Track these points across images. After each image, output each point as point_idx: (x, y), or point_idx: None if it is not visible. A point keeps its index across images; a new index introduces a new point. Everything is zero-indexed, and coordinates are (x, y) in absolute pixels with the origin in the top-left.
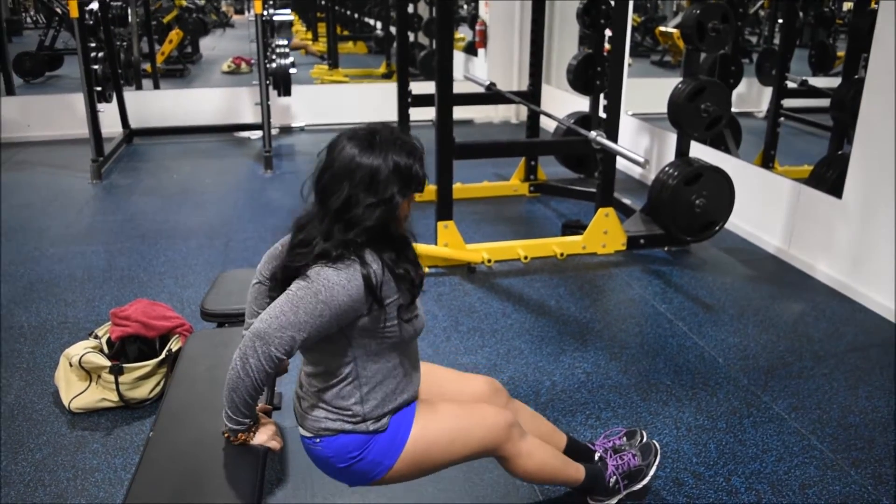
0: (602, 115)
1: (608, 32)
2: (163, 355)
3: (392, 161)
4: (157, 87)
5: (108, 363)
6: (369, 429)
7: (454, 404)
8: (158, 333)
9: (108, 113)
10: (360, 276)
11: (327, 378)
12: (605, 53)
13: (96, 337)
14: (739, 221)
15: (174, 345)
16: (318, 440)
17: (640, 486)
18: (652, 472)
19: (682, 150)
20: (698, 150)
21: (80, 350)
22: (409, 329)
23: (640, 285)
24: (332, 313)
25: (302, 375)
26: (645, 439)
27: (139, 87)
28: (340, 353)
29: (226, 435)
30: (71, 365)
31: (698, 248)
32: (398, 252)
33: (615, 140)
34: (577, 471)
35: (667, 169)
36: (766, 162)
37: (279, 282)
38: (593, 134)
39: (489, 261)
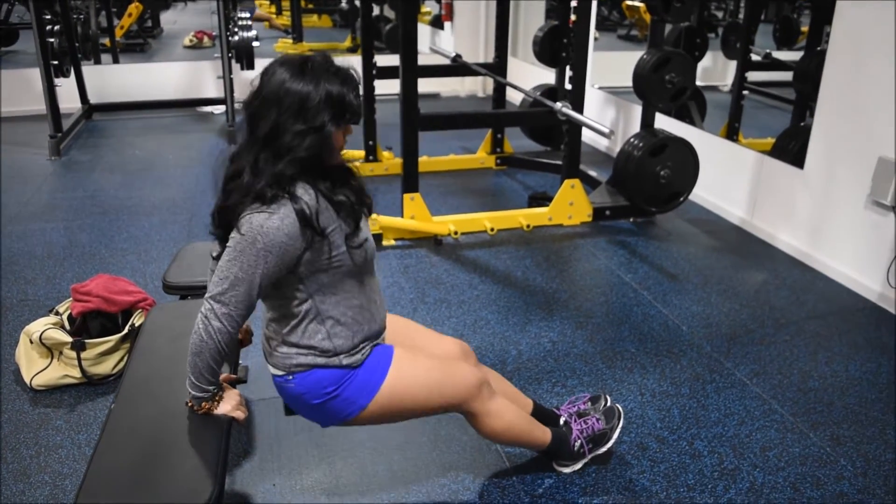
0: (568, 87)
1: (574, 3)
2: (125, 330)
3: (324, 88)
4: (116, 61)
5: (70, 339)
6: (342, 363)
7: (430, 356)
8: (120, 308)
9: (67, 88)
10: (292, 213)
11: (288, 320)
12: (571, 25)
13: (57, 313)
14: (704, 193)
15: (137, 320)
16: (290, 377)
17: (604, 449)
18: (616, 436)
19: (647, 121)
20: (664, 122)
21: (41, 326)
22: (359, 255)
23: (606, 256)
24: (275, 257)
25: (265, 322)
26: (609, 403)
27: (98, 62)
28: (294, 293)
29: (189, 404)
30: (31, 342)
31: (663, 219)
32: (334, 181)
33: (581, 111)
34: (543, 433)
35: (632, 140)
36: (731, 134)
37: (218, 225)
38: (559, 105)
39: (456, 233)
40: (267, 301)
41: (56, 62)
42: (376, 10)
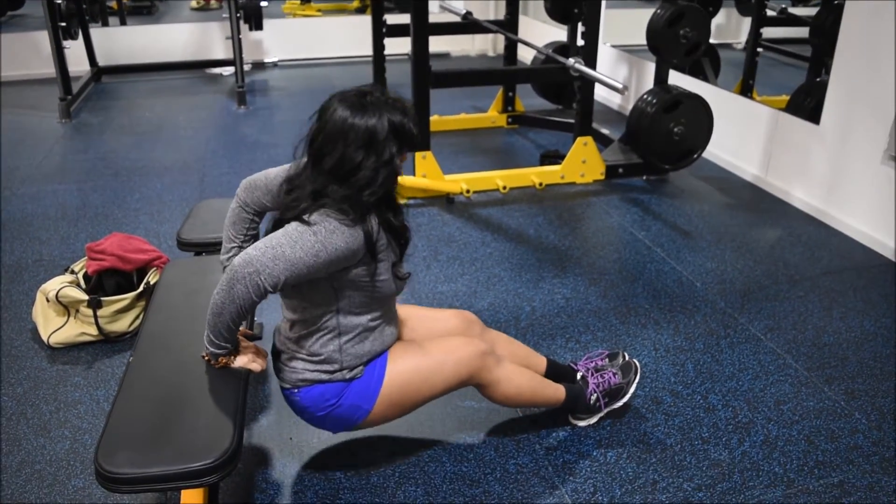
0: (580, 43)
1: None
2: (141, 288)
3: (387, 120)
4: (123, 23)
5: (86, 297)
6: (345, 377)
7: (424, 342)
8: (135, 266)
9: (75, 51)
10: (360, 230)
11: (308, 326)
12: None
13: (72, 272)
14: (717, 150)
15: (152, 278)
16: (296, 390)
17: (620, 403)
18: (632, 390)
19: (660, 77)
20: (677, 79)
21: (57, 285)
22: (401, 285)
23: (619, 213)
24: (327, 256)
25: (281, 326)
26: (626, 359)
27: (105, 24)
28: (325, 302)
29: (206, 358)
30: (48, 300)
31: (676, 176)
32: (395, 212)
33: (593, 67)
34: (556, 391)
35: (645, 97)
36: (745, 91)
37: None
38: (571, 61)
39: (468, 191)
40: (291, 301)
41: (64, 24)
42: None
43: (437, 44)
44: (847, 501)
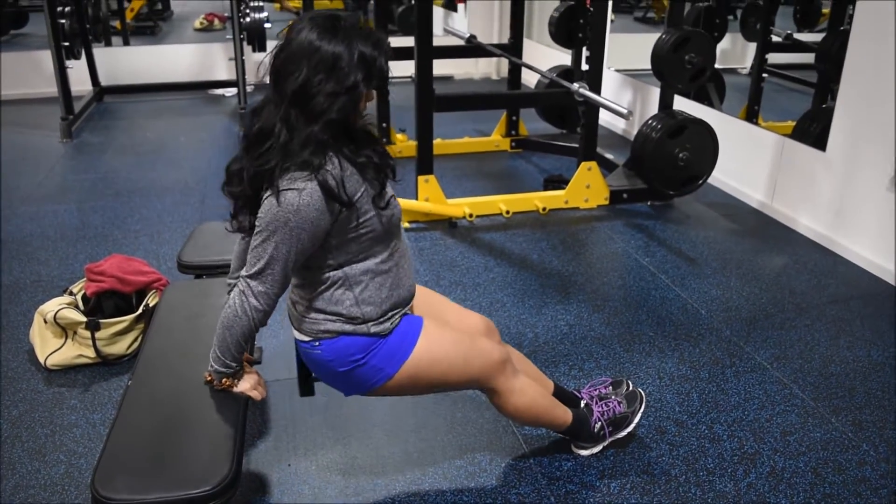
0: (584, 67)
1: None
2: (140, 310)
3: (357, 49)
4: (126, 43)
5: (84, 318)
6: (371, 331)
7: (456, 331)
8: (135, 288)
9: (78, 70)
10: (318, 188)
11: (316, 286)
12: (588, 5)
13: (71, 293)
14: (723, 176)
15: (151, 300)
16: (317, 343)
17: (624, 432)
18: (637, 420)
19: (665, 102)
20: (682, 105)
21: (55, 306)
22: (386, 216)
23: (623, 239)
24: (307, 234)
25: (291, 289)
26: (631, 388)
27: (108, 44)
28: (322, 262)
29: (209, 379)
30: (46, 321)
31: (681, 202)
32: (358, 143)
33: (598, 92)
34: (564, 413)
35: (650, 122)
36: (750, 117)
37: (249, 186)
38: (576, 86)
39: (470, 215)
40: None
41: (67, 44)
42: None
43: (440, 67)
44: None
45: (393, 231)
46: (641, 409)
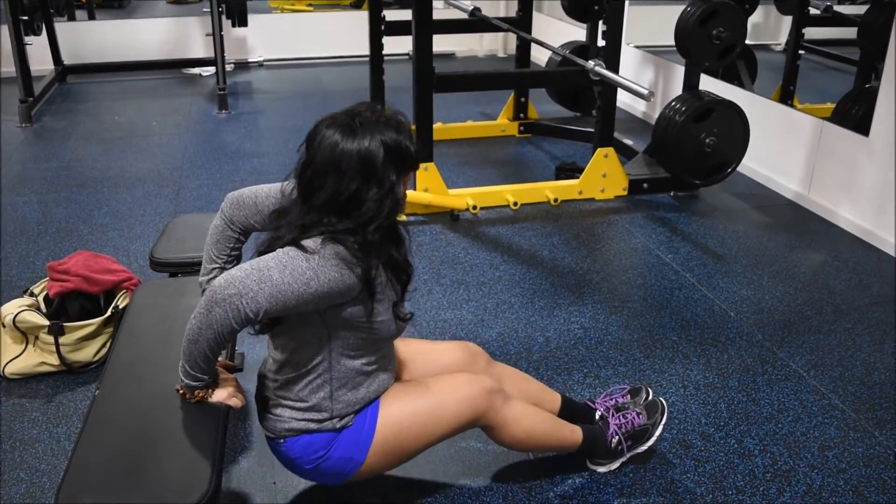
0: (601, 44)
1: None
2: (108, 313)
3: (380, 140)
4: (92, 17)
5: (47, 322)
6: (336, 426)
7: (421, 383)
8: (103, 289)
9: (38, 48)
10: (358, 266)
11: (296, 368)
12: None
13: (32, 294)
14: (754, 164)
15: (121, 301)
16: (281, 441)
17: (644, 447)
18: (658, 432)
19: (690, 82)
20: (709, 85)
21: (14, 309)
22: (402, 327)
23: (643, 233)
24: (319, 287)
25: (266, 368)
26: (650, 397)
27: (72, 18)
28: (316, 342)
29: (181, 392)
30: (4, 326)
31: (707, 192)
32: (397, 245)
33: (616, 71)
34: (572, 433)
35: (673, 104)
36: (785, 98)
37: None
38: (591, 63)
39: (474, 207)
40: (279, 339)
41: (26, 18)
42: None
43: (441, 43)
44: None
45: (393, 339)
46: (663, 421)
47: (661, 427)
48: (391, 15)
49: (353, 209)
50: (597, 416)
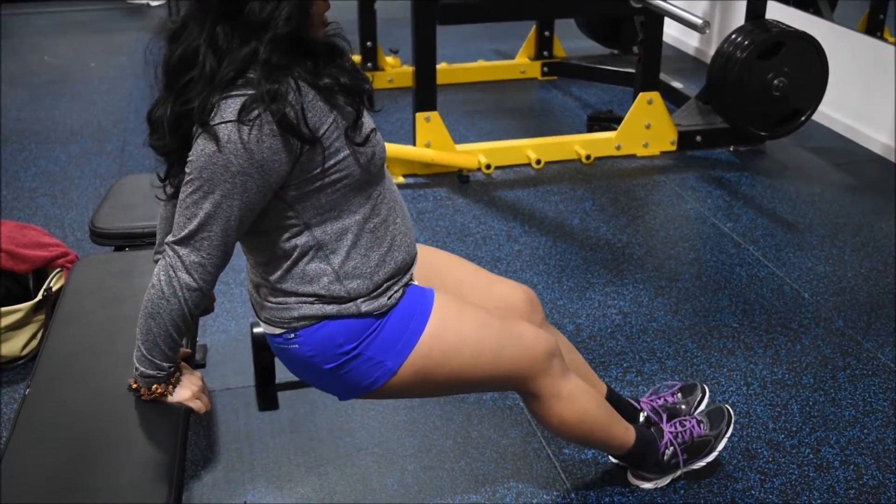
0: None
1: None
2: (39, 296)
3: None
4: None
5: None
6: (361, 310)
7: (480, 308)
8: (32, 267)
9: None
10: (270, 117)
11: (280, 262)
12: None
13: None
14: (834, 111)
15: (55, 282)
16: (292, 335)
17: (703, 462)
18: (721, 446)
19: (755, 10)
20: (778, 13)
21: None
22: (366, 154)
23: (696, 198)
24: (256, 181)
25: (250, 266)
26: (707, 398)
27: None
28: (282, 223)
29: (134, 386)
30: None
31: (776, 147)
32: (316, 60)
33: None
34: (626, 431)
35: (733, 37)
36: (874, 29)
37: (170, 135)
38: None
39: (487, 167)
40: (247, 240)
41: None
42: None
43: None
44: None
45: (375, 175)
46: (728, 433)
47: (725, 439)
48: None
49: (234, 13)
50: (641, 418)
